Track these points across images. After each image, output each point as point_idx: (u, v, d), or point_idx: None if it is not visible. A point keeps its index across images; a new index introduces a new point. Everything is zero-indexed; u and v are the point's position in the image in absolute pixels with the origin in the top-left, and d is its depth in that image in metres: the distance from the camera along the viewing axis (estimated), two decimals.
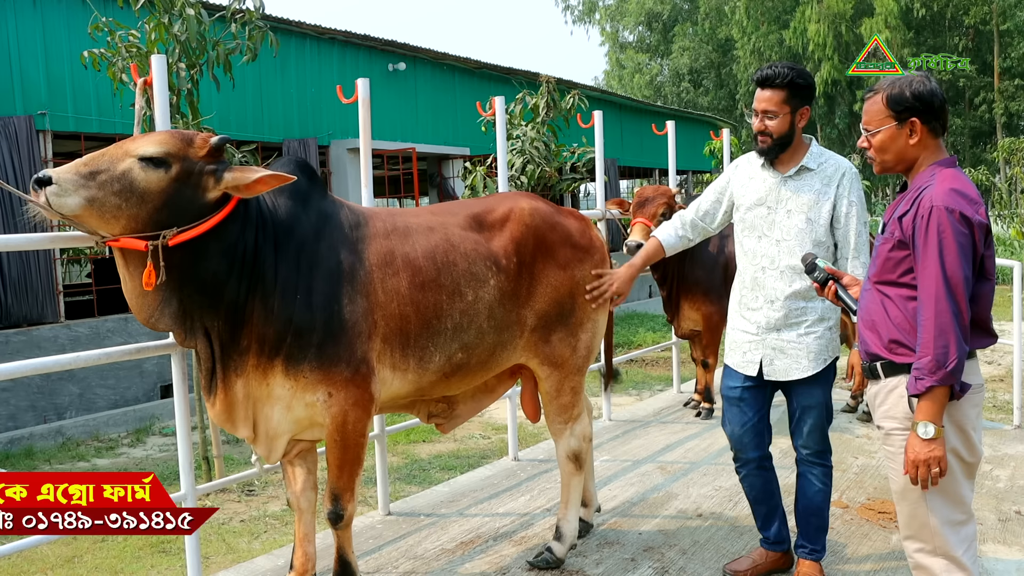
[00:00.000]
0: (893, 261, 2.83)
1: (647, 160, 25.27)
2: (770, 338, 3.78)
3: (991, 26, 37.41)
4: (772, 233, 3.76)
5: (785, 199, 3.74)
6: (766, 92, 3.67)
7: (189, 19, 6.77)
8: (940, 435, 2.67)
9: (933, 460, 2.67)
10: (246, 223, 3.20)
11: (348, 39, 15.90)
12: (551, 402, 4.07)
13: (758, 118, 3.71)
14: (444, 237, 3.68)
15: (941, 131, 2.88)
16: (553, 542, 4.16)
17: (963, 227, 2.65)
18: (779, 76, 3.64)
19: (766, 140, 3.70)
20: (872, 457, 5.93)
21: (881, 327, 2.87)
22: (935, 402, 2.66)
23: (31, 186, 2.89)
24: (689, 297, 6.82)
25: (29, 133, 10.70)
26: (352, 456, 3.44)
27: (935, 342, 2.63)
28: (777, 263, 3.75)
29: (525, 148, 10.25)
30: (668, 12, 50.62)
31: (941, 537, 2.80)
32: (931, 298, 2.66)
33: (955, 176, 2.77)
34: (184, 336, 3.23)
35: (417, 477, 7.57)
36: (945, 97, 2.88)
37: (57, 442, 9.66)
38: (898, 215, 2.82)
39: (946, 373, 2.62)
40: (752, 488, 4.00)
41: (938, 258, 2.65)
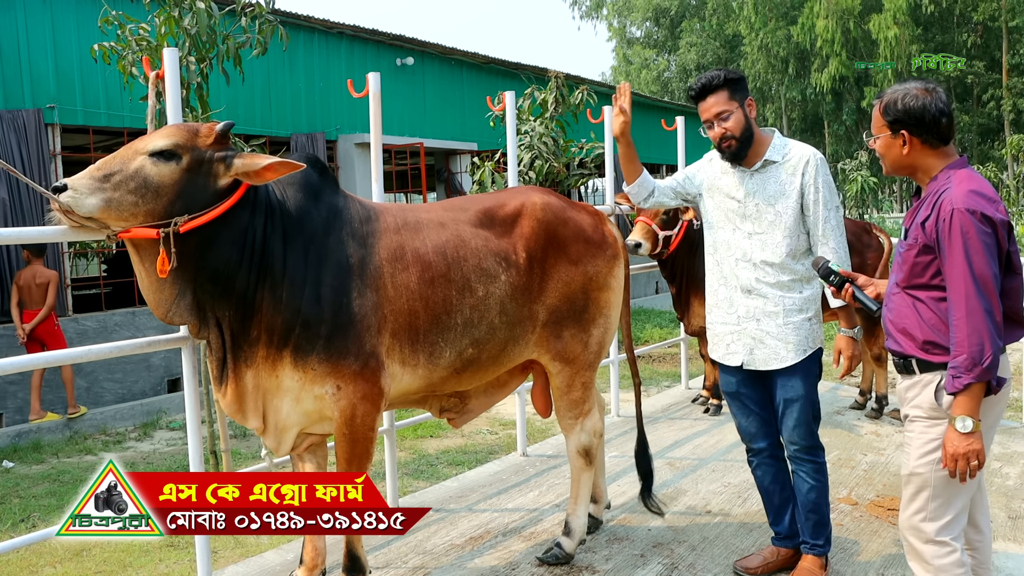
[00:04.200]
0: (921, 266, 2.89)
1: (654, 156, 25.18)
2: (750, 327, 3.81)
3: (1000, 22, 37.27)
4: (744, 226, 3.81)
5: (753, 192, 3.79)
6: (709, 99, 3.73)
7: (199, 13, 6.77)
8: (978, 428, 2.74)
9: (972, 453, 2.74)
10: (255, 211, 3.22)
11: (356, 33, 15.87)
12: (562, 398, 4.06)
13: (714, 126, 3.75)
14: (455, 232, 3.68)
15: (940, 142, 2.90)
16: (562, 538, 4.16)
17: (986, 226, 2.71)
18: (713, 79, 3.74)
19: (730, 143, 3.74)
20: (881, 454, 5.91)
21: (915, 330, 2.92)
22: (972, 397, 2.73)
23: (50, 194, 2.93)
24: (699, 294, 6.79)
25: (38, 126, 10.70)
26: (361, 450, 3.44)
27: (969, 340, 2.69)
28: (750, 256, 3.79)
29: (534, 143, 10.23)
30: (676, 8, 50.58)
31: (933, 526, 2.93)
32: (962, 298, 2.72)
33: (970, 176, 2.82)
34: (199, 328, 3.26)
35: (425, 472, 7.57)
36: (944, 109, 2.88)
37: (64, 436, 9.67)
38: (920, 221, 2.87)
39: (983, 369, 2.68)
40: (764, 479, 4.00)
41: (965, 259, 2.71)
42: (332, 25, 15.31)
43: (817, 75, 39.36)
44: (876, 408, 6.95)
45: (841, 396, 7.50)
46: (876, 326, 6.91)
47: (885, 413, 6.94)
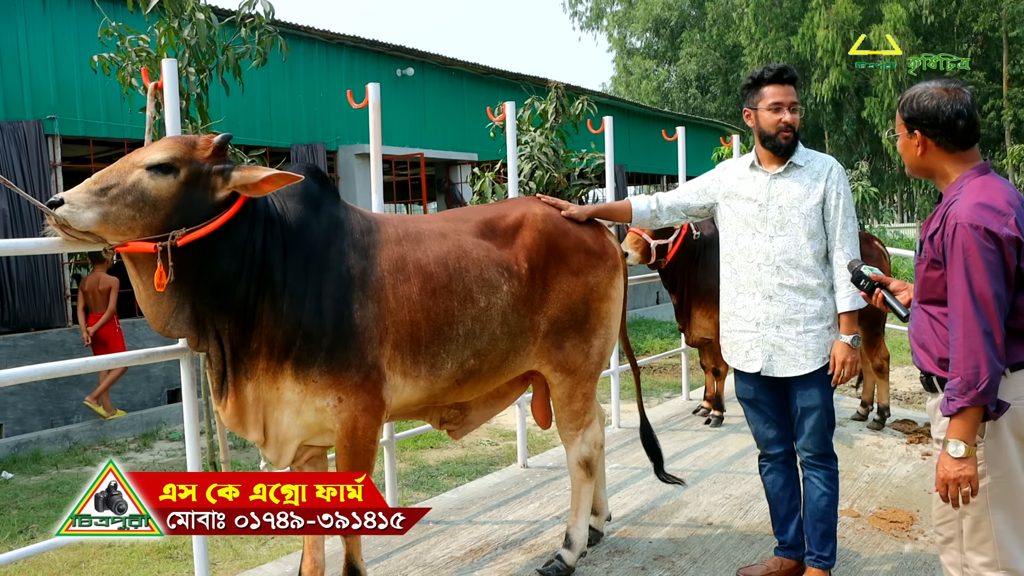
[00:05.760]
0: (932, 280, 2.80)
1: (655, 166, 25.24)
2: (769, 334, 3.80)
3: (1000, 33, 37.32)
4: (765, 229, 3.80)
5: (776, 195, 3.79)
6: (786, 86, 3.76)
7: (199, 23, 6.77)
8: (971, 454, 2.63)
9: (963, 479, 2.63)
10: (254, 223, 3.20)
11: (356, 44, 15.89)
12: (562, 408, 4.05)
13: (783, 112, 3.74)
14: (456, 243, 3.67)
15: (955, 145, 2.78)
16: (563, 550, 4.14)
17: (989, 243, 2.58)
18: (791, 72, 3.80)
19: (790, 134, 3.76)
20: (883, 466, 5.89)
21: (931, 346, 2.84)
22: (967, 421, 2.62)
23: (46, 208, 2.91)
24: (701, 305, 6.78)
25: (38, 137, 10.70)
26: (362, 462, 3.42)
27: (964, 362, 2.59)
28: (772, 259, 3.78)
29: (534, 154, 10.21)
30: (676, 18, 50.66)
31: (1007, 551, 2.75)
32: (959, 318, 2.62)
33: (984, 186, 2.70)
34: (197, 340, 3.24)
35: (425, 484, 7.54)
36: (962, 111, 2.73)
37: (64, 446, 9.64)
38: (929, 234, 2.78)
39: (977, 394, 2.58)
40: (774, 485, 3.98)
41: (964, 276, 2.61)
42: (332, 36, 15.33)
43: (817, 85, 39.41)
44: (878, 419, 6.93)
45: (843, 407, 7.48)
46: (878, 337, 6.90)
47: (887, 424, 6.92)
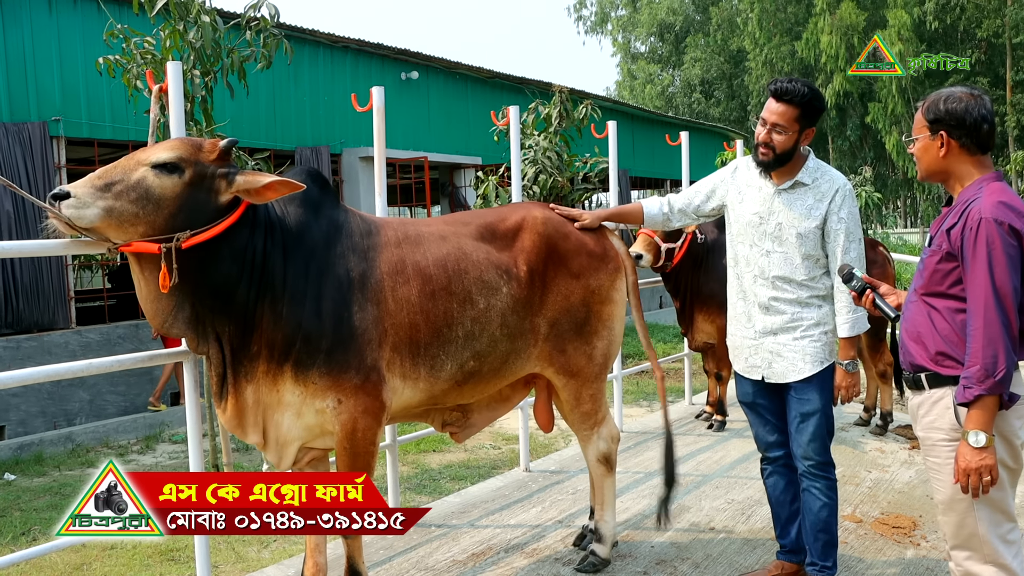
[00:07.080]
0: (941, 273, 2.86)
1: (658, 171, 25.25)
2: (767, 342, 3.80)
3: (1003, 39, 37.25)
4: (762, 243, 3.78)
5: (777, 212, 3.75)
6: (780, 106, 3.63)
7: (204, 26, 6.79)
8: (991, 443, 2.70)
9: (984, 468, 2.70)
10: (255, 228, 3.21)
11: (361, 47, 15.91)
12: (572, 411, 4.07)
13: (765, 129, 3.68)
14: (456, 246, 3.68)
15: (977, 148, 2.87)
16: (595, 544, 4.20)
17: (1012, 239, 2.69)
18: (797, 93, 3.59)
19: (768, 153, 3.68)
20: (885, 471, 5.87)
21: (928, 339, 2.89)
22: (985, 411, 2.69)
23: (48, 201, 2.91)
24: (704, 310, 6.77)
25: (43, 139, 10.73)
26: (362, 465, 3.42)
27: (984, 351, 2.67)
28: (767, 273, 3.77)
29: (538, 158, 10.22)
30: (680, 23, 50.66)
31: (990, 546, 2.83)
32: (980, 308, 2.69)
33: (1003, 190, 2.79)
34: (197, 342, 3.24)
35: (427, 487, 7.54)
36: (986, 115, 2.84)
37: (67, 448, 9.66)
38: (946, 228, 2.84)
39: (995, 382, 2.66)
40: (775, 488, 3.98)
41: (987, 269, 2.69)
42: (337, 39, 15.36)
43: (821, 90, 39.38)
44: (881, 424, 6.91)
45: (845, 412, 7.46)
46: (882, 342, 6.89)
47: (890, 430, 6.91)
